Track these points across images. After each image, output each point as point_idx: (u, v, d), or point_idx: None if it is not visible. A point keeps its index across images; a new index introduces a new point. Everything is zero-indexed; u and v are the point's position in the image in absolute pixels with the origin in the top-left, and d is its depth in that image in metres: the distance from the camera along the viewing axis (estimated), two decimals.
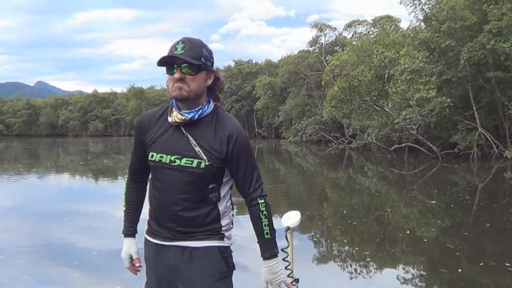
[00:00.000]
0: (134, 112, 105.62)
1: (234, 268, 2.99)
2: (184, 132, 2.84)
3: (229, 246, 2.98)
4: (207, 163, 2.77)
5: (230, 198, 3.01)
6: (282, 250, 3.37)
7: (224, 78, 3.02)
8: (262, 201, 2.93)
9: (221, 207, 2.91)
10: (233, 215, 3.04)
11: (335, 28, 58.67)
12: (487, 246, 9.59)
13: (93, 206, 14.72)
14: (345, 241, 10.33)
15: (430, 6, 33.49)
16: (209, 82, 2.88)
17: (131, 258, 3.15)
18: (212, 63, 2.88)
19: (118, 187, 20.50)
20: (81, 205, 15.01)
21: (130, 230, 3.17)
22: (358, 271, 7.97)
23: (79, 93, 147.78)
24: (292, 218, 3.61)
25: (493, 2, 27.55)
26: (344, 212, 13.88)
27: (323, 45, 58.37)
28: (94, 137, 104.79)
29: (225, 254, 2.93)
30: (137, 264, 3.09)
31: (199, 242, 2.85)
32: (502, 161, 27.54)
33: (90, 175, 25.65)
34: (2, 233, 10.88)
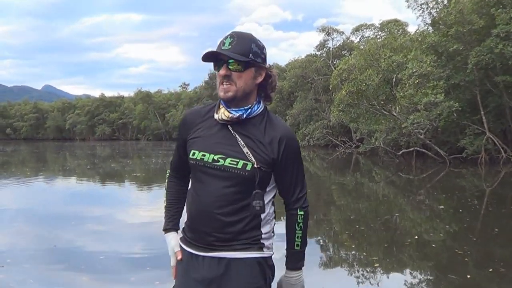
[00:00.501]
0: (141, 116, 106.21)
1: (271, 281, 2.83)
2: (232, 131, 2.68)
3: (269, 257, 2.81)
4: (255, 166, 2.60)
5: (273, 205, 2.85)
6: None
7: (277, 75, 2.90)
8: (302, 213, 2.82)
9: (263, 214, 2.73)
10: (274, 224, 2.87)
11: (343, 32, 58.75)
12: (496, 252, 9.53)
13: (100, 210, 14.72)
14: (353, 246, 10.28)
15: (438, 10, 33.54)
16: (259, 79, 2.74)
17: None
18: (264, 59, 2.73)
19: (126, 190, 20.58)
20: (88, 209, 15.00)
21: (170, 225, 3.01)
22: (366, 277, 7.92)
23: (86, 97, 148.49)
24: None
25: (501, 6, 27.53)
26: (352, 216, 13.82)
27: (331, 49, 58.36)
28: (101, 141, 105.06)
29: (264, 266, 2.75)
30: (179, 257, 2.86)
31: (237, 252, 2.68)
32: (510, 165, 27.49)
33: (97, 179, 25.67)
34: (9, 237, 10.89)
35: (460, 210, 14.29)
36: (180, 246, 2.87)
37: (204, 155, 2.68)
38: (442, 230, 11.72)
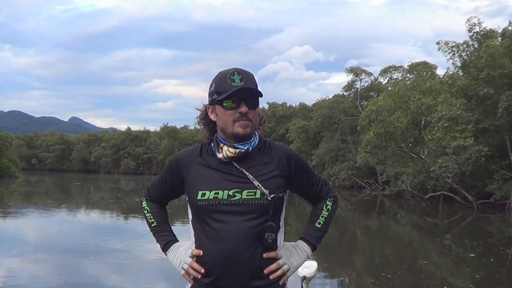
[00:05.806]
0: (166, 151, 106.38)
1: None
2: (238, 166, 2.54)
3: None
4: (272, 195, 2.48)
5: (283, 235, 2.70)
6: None
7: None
8: (332, 199, 2.81)
9: (279, 245, 2.60)
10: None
11: (371, 73, 58.88)
12: None
13: (120, 245, 14.62)
14: None
15: (468, 53, 33.40)
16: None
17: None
18: None
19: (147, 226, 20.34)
20: (108, 244, 14.91)
21: (173, 237, 2.82)
22: None
23: (112, 130, 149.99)
24: (308, 268, 3.59)
25: None
26: (377, 261, 13.49)
27: (359, 90, 58.44)
28: (126, 174, 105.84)
29: None
30: (195, 252, 2.57)
31: None
32: None
33: (120, 213, 25.60)
34: (23, 269, 10.86)
35: (490, 258, 13.94)
36: None
37: (218, 193, 2.50)
38: (470, 277, 11.38)
